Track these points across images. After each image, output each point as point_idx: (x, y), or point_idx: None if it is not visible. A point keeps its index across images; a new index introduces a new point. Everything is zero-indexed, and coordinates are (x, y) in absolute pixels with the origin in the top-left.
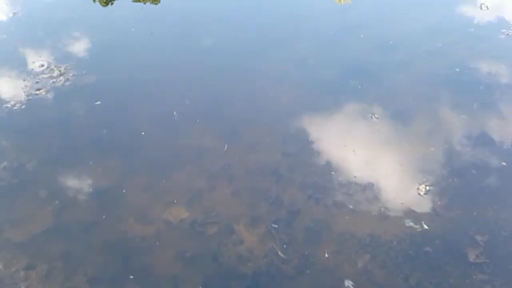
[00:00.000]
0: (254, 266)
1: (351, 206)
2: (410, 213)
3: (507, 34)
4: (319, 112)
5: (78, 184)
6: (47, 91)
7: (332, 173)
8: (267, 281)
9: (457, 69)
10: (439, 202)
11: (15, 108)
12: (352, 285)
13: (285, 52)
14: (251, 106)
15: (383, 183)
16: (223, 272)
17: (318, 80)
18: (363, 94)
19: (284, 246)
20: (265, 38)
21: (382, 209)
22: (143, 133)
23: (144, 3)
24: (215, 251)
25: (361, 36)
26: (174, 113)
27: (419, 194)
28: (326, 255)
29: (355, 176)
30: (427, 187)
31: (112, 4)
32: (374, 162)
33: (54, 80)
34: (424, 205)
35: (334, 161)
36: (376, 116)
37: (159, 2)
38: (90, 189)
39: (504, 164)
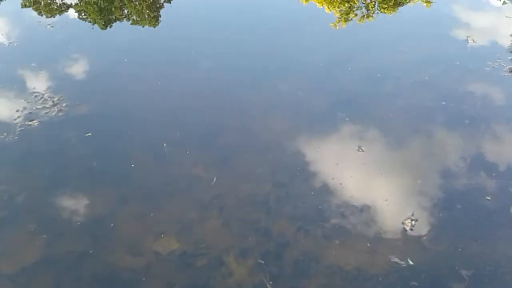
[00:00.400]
0: None
1: (337, 241)
2: (395, 248)
3: (493, 67)
4: (307, 144)
5: (68, 216)
6: (40, 122)
7: (319, 207)
8: None
9: (443, 102)
10: (424, 237)
11: (7, 139)
12: None
13: (276, 83)
14: (241, 136)
15: (370, 217)
16: None
17: (307, 112)
18: (350, 126)
19: (271, 282)
20: (257, 68)
21: (368, 244)
22: (132, 165)
23: (142, 27)
24: (204, 283)
25: (349, 68)
26: (164, 145)
27: (405, 229)
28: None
29: (342, 210)
30: (413, 222)
31: (111, 27)
32: (361, 195)
33: (47, 110)
34: (410, 240)
35: (322, 194)
36: (362, 148)
37: (157, 25)
38: (80, 221)
39: (489, 198)
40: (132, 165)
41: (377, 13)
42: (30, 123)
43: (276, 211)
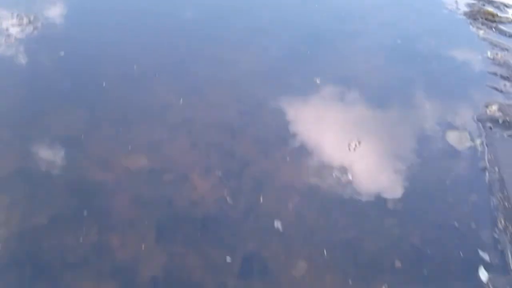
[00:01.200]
0: (204, 211)
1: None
2: (341, 167)
3: (450, 10)
4: (272, 77)
5: (40, 133)
6: (15, 39)
7: (279, 134)
8: (216, 224)
9: (399, 41)
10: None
11: None
12: (280, 224)
13: (246, 21)
14: (211, 68)
15: (322, 142)
16: (175, 216)
17: (274, 47)
18: (312, 61)
19: (227, 198)
20: (230, 8)
21: (317, 164)
22: (104, 83)
23: None
24: (170, 196)
25: (316, 5)
26: (134, 67)
27: (349, 149)
28: (261, 200)
29: (296, 137)
30: (358, 143)
31: None
32: (315, 123)
33: (23, 28)
34: (353, 161)
35: (283, 122)
36: (318, 81)
37: None
38: (52, 139)
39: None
40: (104, 84)
41: None
42: (4, 39)
43: (240, 135)
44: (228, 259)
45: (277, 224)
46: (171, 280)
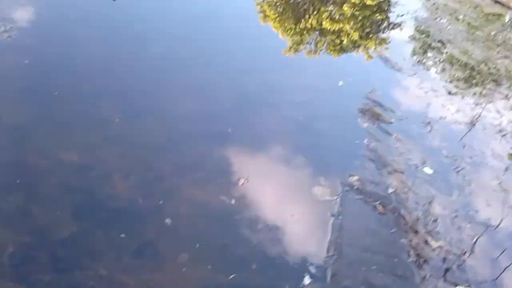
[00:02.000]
0: (118, 205)
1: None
2: (229, 192)
3: (348, 104)
4: (194, 116)
5: None
6: None
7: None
8: (124, 215)
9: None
10: None
11: None
12: (170, 221)
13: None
14: (149, 100)
15: (221, 174)
16: (93, 203)
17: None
18: (229, 114)
19: (139, 199)
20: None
21: (213, 187)
22: (56, 93)
23: None
24: (92, 188)
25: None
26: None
27: (238, 184)
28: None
29: (205, 164)
30: (246, 180)
31: None
32: (219, 162)
33: None
34: (242, 193)
35: (198, 150)
36: (230, 130)
37: None
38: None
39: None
40: (56, 93)
41: (324, 52)
42: None
43: (164, 157)
44: (127, 241)
45: (168, 220)
46: (78, 243)
